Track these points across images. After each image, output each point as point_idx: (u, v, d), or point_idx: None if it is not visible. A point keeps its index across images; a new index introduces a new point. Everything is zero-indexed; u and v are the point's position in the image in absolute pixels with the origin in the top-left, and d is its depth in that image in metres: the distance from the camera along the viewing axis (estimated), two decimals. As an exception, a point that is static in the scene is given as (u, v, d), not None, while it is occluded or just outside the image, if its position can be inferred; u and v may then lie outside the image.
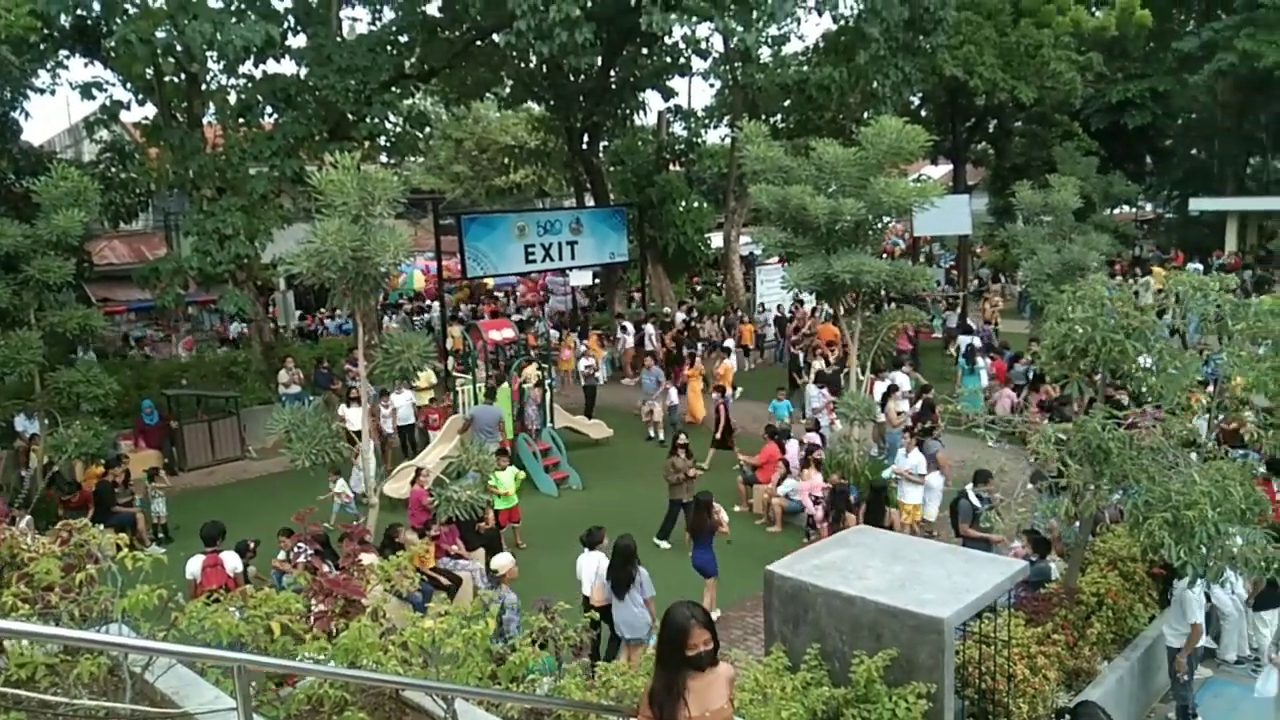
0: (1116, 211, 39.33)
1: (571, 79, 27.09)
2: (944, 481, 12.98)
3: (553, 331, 26.86)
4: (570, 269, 27.66)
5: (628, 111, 29.54)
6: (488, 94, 30.26)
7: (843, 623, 6.65)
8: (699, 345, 22.96)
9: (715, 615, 10.84)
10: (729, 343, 23.19)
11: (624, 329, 25.60)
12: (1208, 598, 8.76)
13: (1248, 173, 42.01)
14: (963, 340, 21.40)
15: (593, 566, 9.73)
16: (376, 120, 20.87)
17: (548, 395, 17.24)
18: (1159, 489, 7.59)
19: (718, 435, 16.63)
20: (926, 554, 7.60)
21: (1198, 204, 38.77)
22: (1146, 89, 36.14)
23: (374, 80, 19.76)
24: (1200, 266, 32.31)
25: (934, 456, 12.94)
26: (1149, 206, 47.79)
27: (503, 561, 9.15)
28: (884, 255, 16.74)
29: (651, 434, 18.91)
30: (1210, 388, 10.70)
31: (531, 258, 24.36)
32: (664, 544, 13.01)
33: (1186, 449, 8.58)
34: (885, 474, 13.28)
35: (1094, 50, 30.87)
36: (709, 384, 19.77)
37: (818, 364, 18.81)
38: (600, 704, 4.80)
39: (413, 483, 12.46)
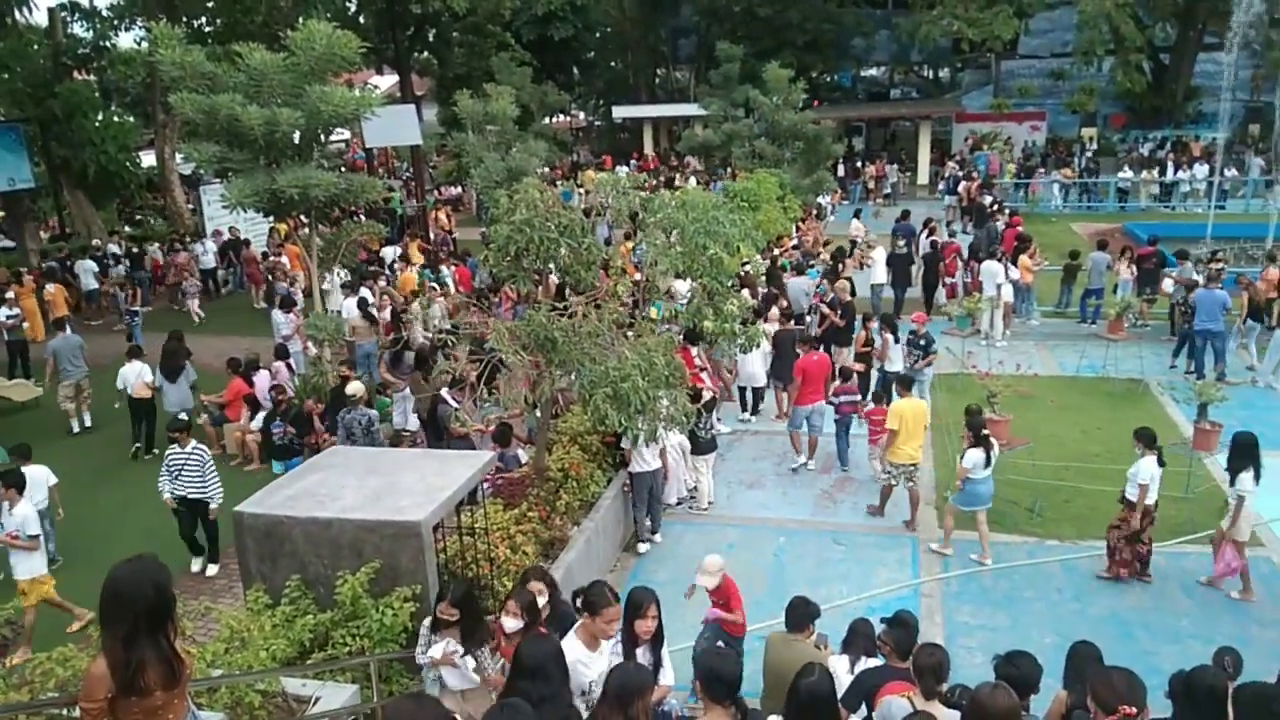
0: (555, 120, 42.50)
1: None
2: None
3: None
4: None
5: (6, 7, 24.54)
6: None
7: (322, 548, 6.51)
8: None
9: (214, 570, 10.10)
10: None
11: None
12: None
13: (657, 82, 47.93)
14: (387, 251, 21.69)
15: (135, 371, 12.70)
16: None
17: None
18: (600, 368, 8.47)
19: None
20: (402, 462, 7.71)
21: (620, 111, 43.50)
22: (566, 2, 39.12)
23: None
24: (626, 169, 36.48)
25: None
26: (582, 115, 52.44)
27: (355, 387, 11.00)
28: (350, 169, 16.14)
29: (76, 427, 14.22)
30: (639, 275, 12.13)
31: (-110, 189, 19.54)
32: None
33: (620, 330, 9.68)
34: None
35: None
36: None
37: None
38: (35, 701, 4.12)
39: None
